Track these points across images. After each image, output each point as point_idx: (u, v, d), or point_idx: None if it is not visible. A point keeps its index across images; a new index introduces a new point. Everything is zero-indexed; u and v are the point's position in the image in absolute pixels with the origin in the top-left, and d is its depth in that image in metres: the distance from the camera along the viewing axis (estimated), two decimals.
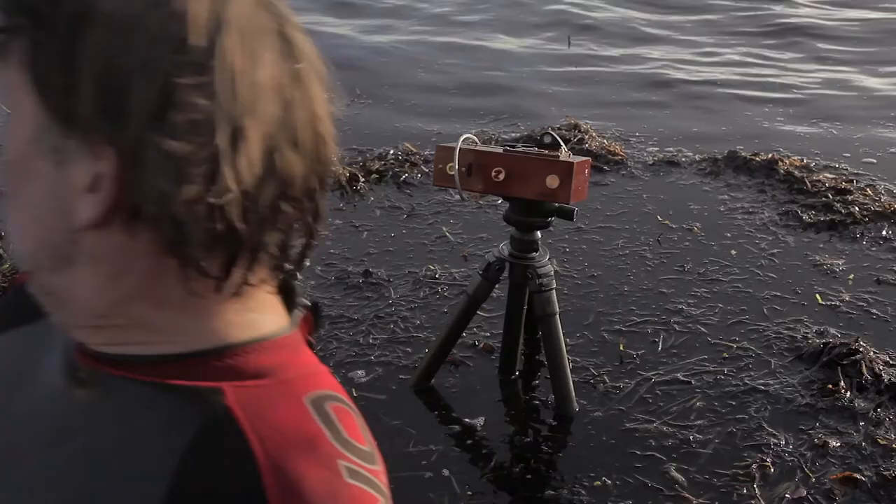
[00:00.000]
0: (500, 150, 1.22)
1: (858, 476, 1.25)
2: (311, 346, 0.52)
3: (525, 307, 1.41)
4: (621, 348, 1.60)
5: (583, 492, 1.22)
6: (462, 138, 1.22)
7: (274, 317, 0.50)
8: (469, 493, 1.09)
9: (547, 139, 1.24)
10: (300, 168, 0.45)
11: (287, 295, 0.52)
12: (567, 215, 1.25)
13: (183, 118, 0.42)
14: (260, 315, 0.49)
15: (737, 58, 4.11)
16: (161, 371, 0.47)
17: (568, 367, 1.35)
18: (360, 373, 1.53)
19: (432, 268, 1.91)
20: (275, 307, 0.50)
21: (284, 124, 0.44)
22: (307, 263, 0.49)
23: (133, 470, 0.44)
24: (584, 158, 1.21)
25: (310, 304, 0.52)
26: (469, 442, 1.34)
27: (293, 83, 0.45)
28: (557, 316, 1.32)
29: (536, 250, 1.30)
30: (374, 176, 2.55)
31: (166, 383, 0.46)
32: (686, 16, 4.95)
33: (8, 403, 0.52)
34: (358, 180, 2.50)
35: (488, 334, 1.60)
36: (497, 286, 1.42)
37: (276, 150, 0.44)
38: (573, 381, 1.48)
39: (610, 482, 1.24)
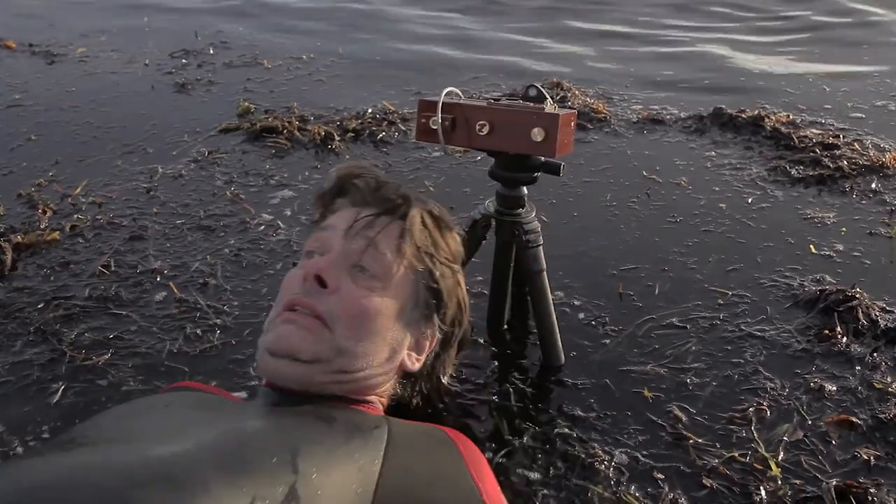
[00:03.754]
0: (483, 103, 1.16)
1: (854, 418, 1.22)
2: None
3: (512, 263, 1.36)
4: (620, 290, 1.55)
5: (590, 426, 1.20)
6: (445, 91, 1.15)
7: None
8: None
9: (532, 92, 1.18)
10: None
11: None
12: (554, 170, 1.19)
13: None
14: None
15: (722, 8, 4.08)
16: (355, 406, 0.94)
17: (555, 320, 1.30)
18: None
19: None
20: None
21: None
22: None
23: (360, 438, 0.82)
24: (569, 110, 1.15)
25: None
26: (470, 392, 1.28)
27: None
28: (545, 272, 1.26)
29: (523, 206, 1.24)
30: (350, 134, 2.47)
31: (362, 411, 0.93)
32: None
33: (212, 418, 0.84)
34: (333, 139, 2.42)
35: (476, 291, 1.53)
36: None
37: None
38: (576, 324, 1.46)
39: (620, 416, 1.22)
